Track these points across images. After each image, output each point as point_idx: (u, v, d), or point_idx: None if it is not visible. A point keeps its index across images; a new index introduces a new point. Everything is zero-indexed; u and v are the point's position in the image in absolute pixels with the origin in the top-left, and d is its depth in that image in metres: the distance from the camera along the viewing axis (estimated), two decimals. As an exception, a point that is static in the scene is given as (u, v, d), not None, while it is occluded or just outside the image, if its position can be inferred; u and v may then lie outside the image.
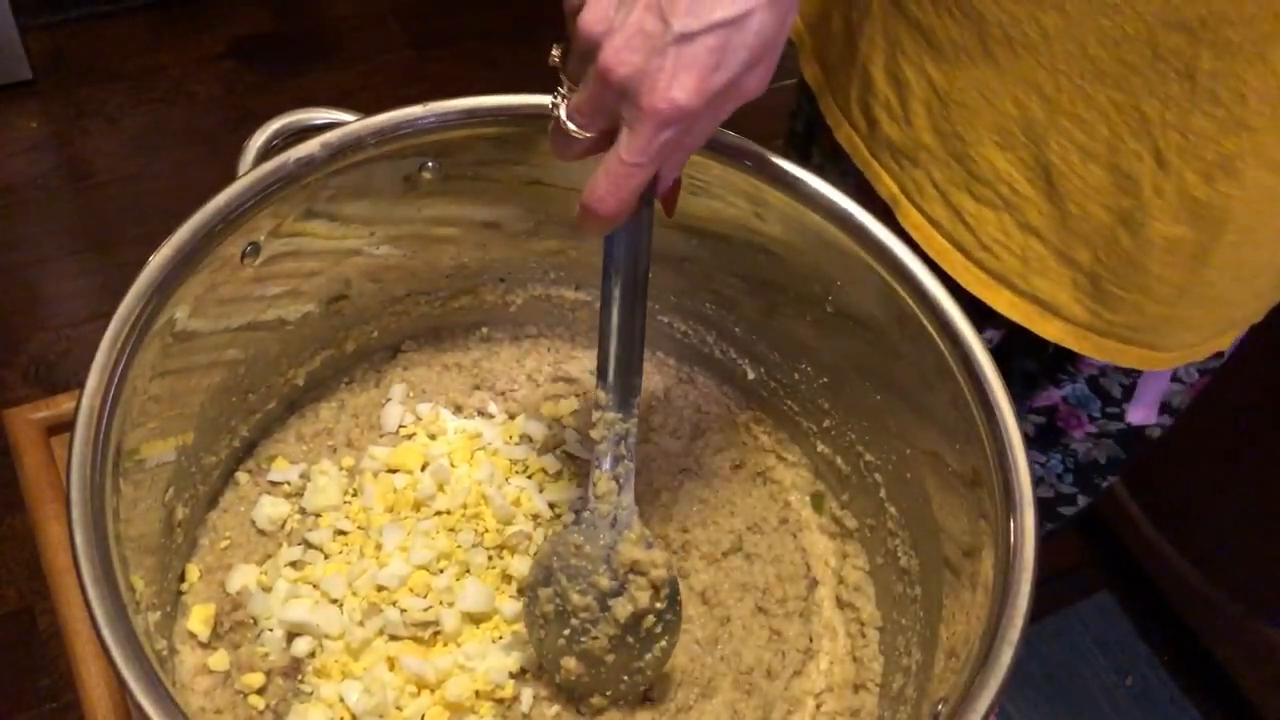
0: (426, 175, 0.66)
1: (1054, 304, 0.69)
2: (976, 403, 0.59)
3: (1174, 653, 1.64)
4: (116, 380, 0.53)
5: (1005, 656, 0.50)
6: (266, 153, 0.62)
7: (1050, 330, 0.70)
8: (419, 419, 0.74)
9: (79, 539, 0.49)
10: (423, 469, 0.69)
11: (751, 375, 0.77)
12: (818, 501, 0.75)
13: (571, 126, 0.52)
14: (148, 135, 1.95)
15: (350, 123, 0.62)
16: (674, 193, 0.59)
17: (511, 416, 0.75)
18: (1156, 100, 0.58)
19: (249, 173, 0.60)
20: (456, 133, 0.65)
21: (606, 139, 0.51)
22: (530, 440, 0.73)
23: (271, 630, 0.64)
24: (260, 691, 0.62)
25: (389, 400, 0.74)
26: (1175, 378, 0.79)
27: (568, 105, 0.52)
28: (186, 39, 2.10)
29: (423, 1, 2.27)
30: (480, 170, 0.67)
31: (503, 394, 0.76)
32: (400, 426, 0.73)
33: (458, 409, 0.75)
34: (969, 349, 0.60)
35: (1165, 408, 0.81)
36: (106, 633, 0.47)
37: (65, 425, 0.79)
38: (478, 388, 0.76)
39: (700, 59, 0.47)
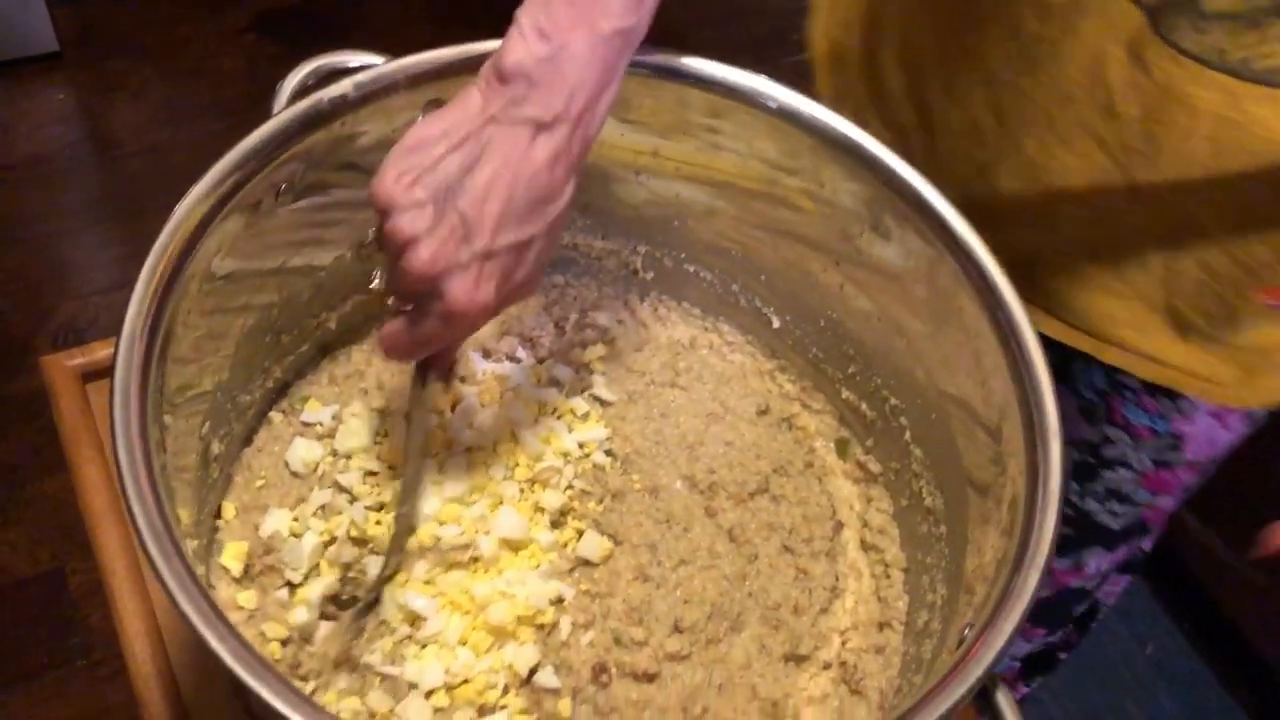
0: (457, 118, 0.67)
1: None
2: (1003, 341, 0.60)
3: (1195, 621, 1.64)
4: (155, 313, 0.54)
5: (1031, 581, 0.51)
6: (300, 93, 0.63)
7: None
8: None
9: (124, 465, 0.50)
10: (453, 409, 0.70)
11: (777, 324, 0.77)
12: (842, 448, 0.75)
13: (389, 301, 0.59)
14: (172, 107, 1.97)
15: (382, 64, 0.63)
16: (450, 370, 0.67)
17: (540, 361, 0.75)
18: None
19: (282, 111, 0.60)
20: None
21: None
22: (558, 384, 0.74)
23: (299, 585, 0.65)
24: (283, 643, 0.63)
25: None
26: None
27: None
28: (210, 13, 2.11)
29: (444, -25, 2.27)
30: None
31: (530, 340, 0.77)
32: None
33: (486, 353, 0.76)
34: (997, 290, 0.61)
35: None
36: (153, 549, 0.48)
37: (100, 372, 0.80)
38: (506, 333, 0.77)
39: (499, 269, 0.55)
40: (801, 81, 0.69)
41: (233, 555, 0.65)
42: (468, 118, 0.54)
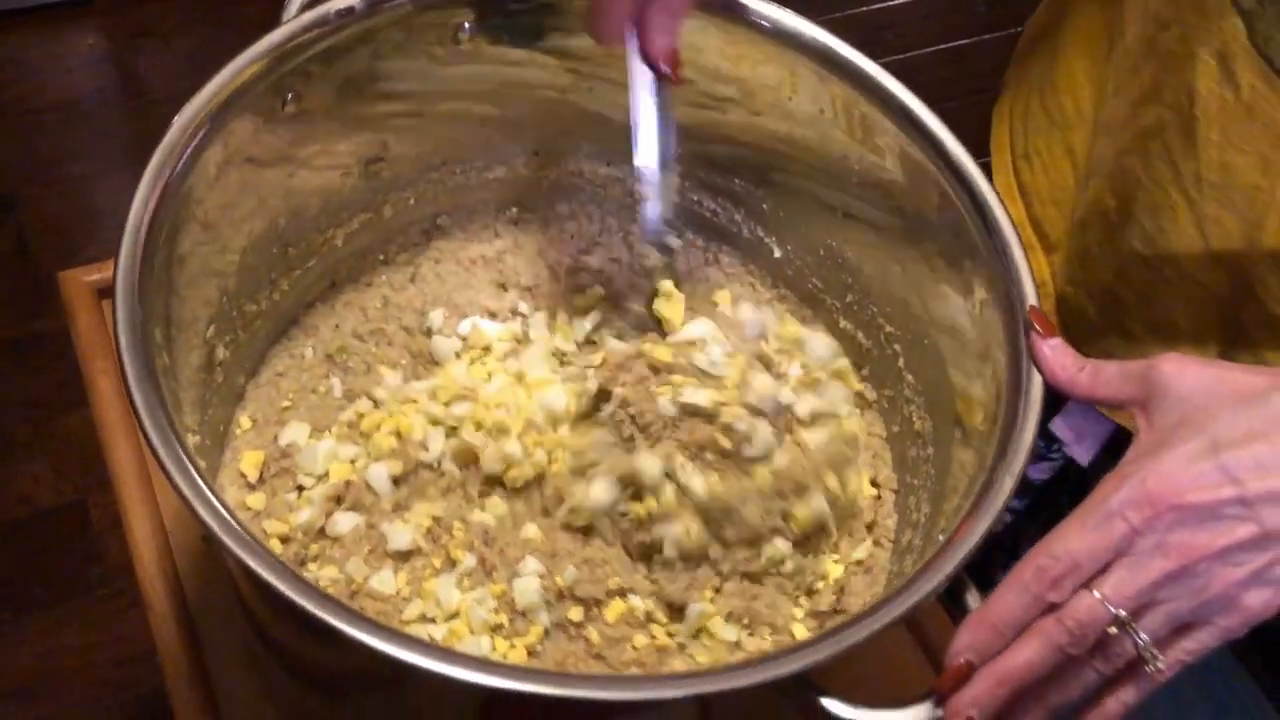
0: (464, 36, 0.68)
1: None
2: (994, 265, 0.61)
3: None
4: (158, 208, 0.56)
5: (1006, 486, 0.52)
6: (307, 6, 0.64)
7: None
8: (464, 340, 0.75)
9: (126, 355, 0.52)
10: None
11: (778, 254, 0.78)
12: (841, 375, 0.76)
13: None
14: (199, 55, 1.99)
15: (390, -23, 0.64)
16: (673, 59, 0.63)
17: (547, 311, 0.76)
18: None
19: (291, 20, 0.62)
20: (493, -7, 0.66)
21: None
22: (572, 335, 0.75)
23: (310, 487, 0.66)
24: (283, 540, 0.65)
25: (435, 333, 0.75)
26: None
27: None
28: (239, -39, 2.13)
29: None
30: (515, 33, 0.69)
31: (529, 289, 0.78)
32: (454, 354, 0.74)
33: (492, 315, 0.76)
34: (991, 214, 0.62)
35: None
36: (155, 439, 0.49)
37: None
38: (503, 287, 0.78)
39: None
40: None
41: (250, 463, 0.67)
42: None
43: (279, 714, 0.68)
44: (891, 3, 2.31)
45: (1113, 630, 0.46)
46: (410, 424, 0.66)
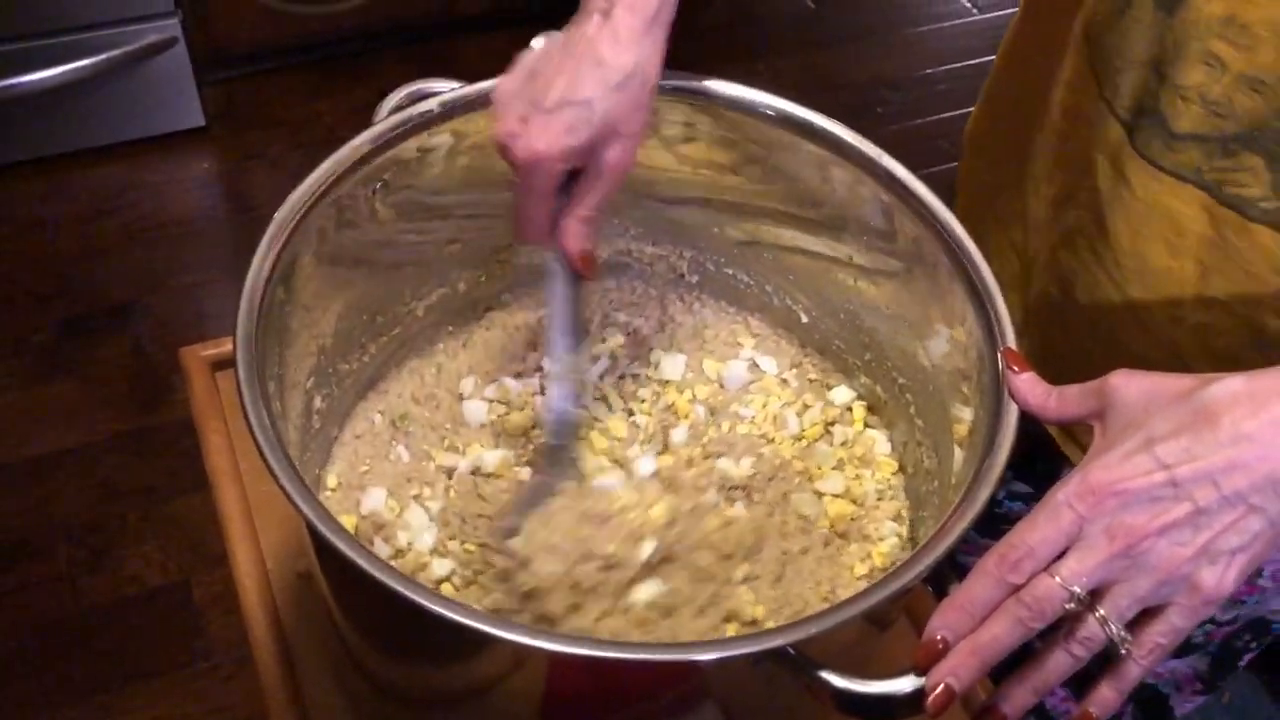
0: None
1: None
2: (976, 302, 0.69)
3: (1276, 670, 1.64)
4: (270, 275, 0.67)
5: (983, 493, 0.60)
6: (395, 111, 0.76)
7: None
8: (490, 402, 0.84)
9: (246, 393, 0.63)
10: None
11: (805, 319, 0.87)
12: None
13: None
14: (303, 174, 2.16)
15: (461, 87, 0.77)
16: (588, 260, 0.73)
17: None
18: None
19: (380, 122, 0.74)
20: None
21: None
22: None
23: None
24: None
25: (465, 399, 0.84)
26: None
27: None
28: (341, 90, 2.33)
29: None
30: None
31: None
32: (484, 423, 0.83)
33: (518, 375, 0.85)
34: (980, 279, 0.71)
35: None
36: (266, 449, 0.60)
37: (226, 363, 0.95)
38: (534, 346, 0.87)
39: (560, 123, 0.66)
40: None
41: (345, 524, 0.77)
42: (561, 42, 0.67)
43: (362, 724, 0.77)
44: (945, 115, 2.43)
45: (1072, 606, 0.52)
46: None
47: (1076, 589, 0.52)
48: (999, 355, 0.65)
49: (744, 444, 0.81)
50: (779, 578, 0.72)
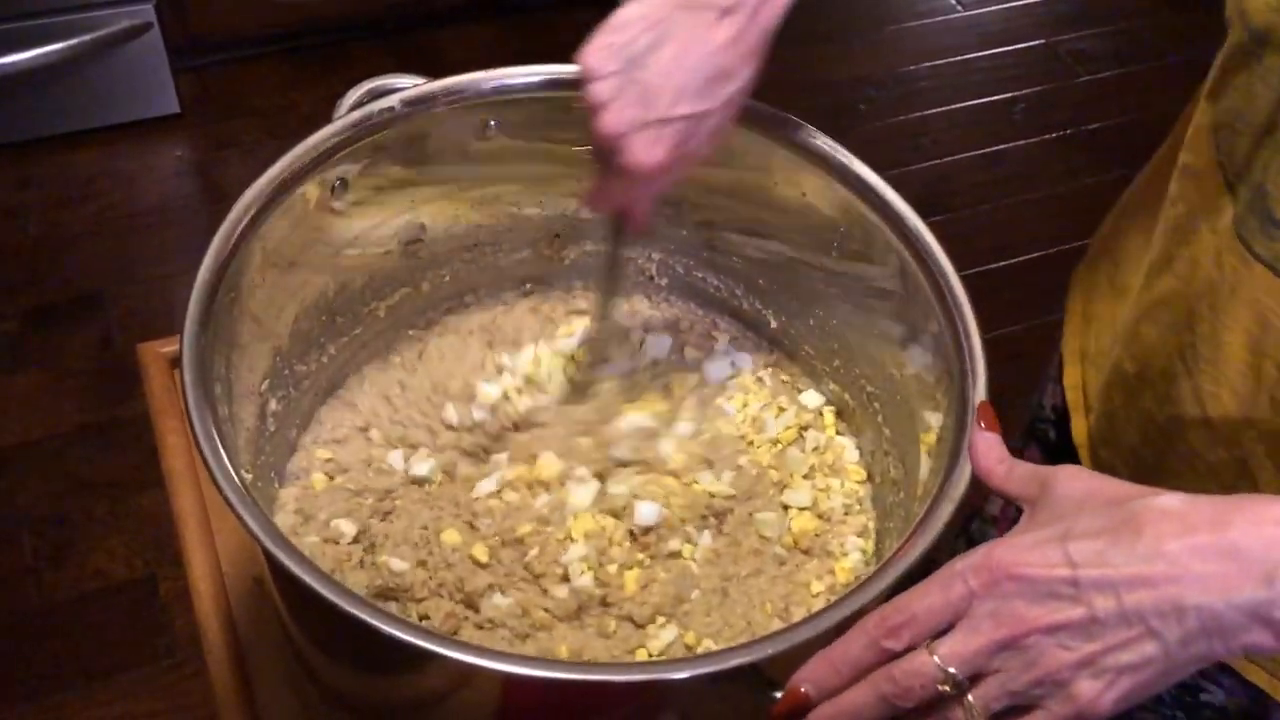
0: (490, 133, 0.78)
1: None
2: (950, 325, 0.68)
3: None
4: (221, 271, 0.66)
5: (945, 510, 0.59)
6: (356, 108, 0.75)
7: None
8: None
9: (192, 402, 0.61)
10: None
11: (774, 324, 0.86)
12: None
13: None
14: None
15: (424, 83, 0.75)
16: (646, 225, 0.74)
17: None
18: None
19: (340, 119, 0.72)
20: (515, 96, 0.77)
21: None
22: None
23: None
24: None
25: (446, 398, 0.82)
26: None
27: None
28: (316, 80, 2.30)
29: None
30: (536, 131, 0.79)
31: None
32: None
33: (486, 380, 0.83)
34: (951, 291, 0.69)
35: None
36: (208, 453, 0.58)
37: (187, 359, 0.93)
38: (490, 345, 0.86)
39: (674, 136, 0.64)
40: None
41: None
42: (663, 2, 0.63)
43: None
44: (927, 112, 2.42)
45: (945, 689, 0.48)
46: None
47: (953, 670, 0.48)
48: (974, 409, 0.62)
49: (730, 448, 0.80)
50: (720, 603, 0.72)
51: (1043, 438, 0.86)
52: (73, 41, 2.01)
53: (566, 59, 0.75)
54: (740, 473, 0.79)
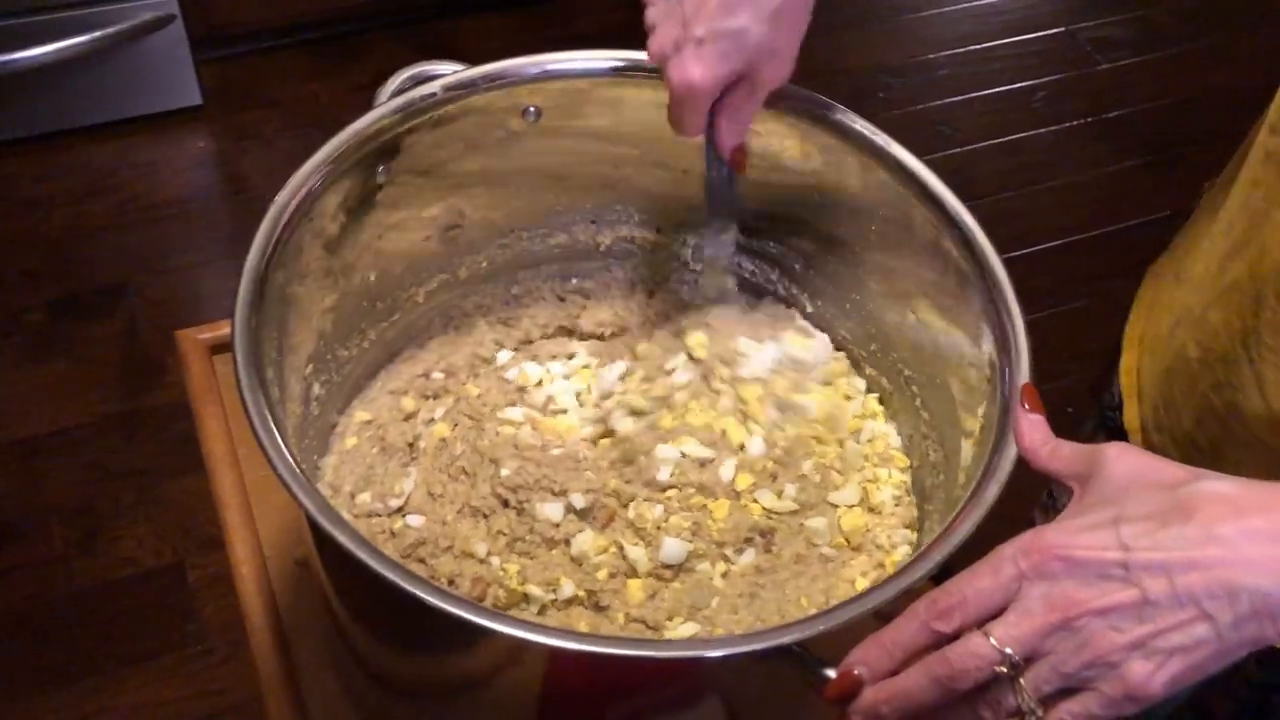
0: (529, 119, 0.79)
1: None
2: (992, 307, 0.69)
3: None
4: (272, 254, 0.66)
5: (991, 491, 0.59)
6: (397, 94, 0.75)
7: None
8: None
9: (243, 375, 0.62)
10: None
11: (810, 309, 0.86)
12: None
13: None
14: (299, 155, 2.14)
15: (464, 70, 0.75)
16: (740, 155, 0.74)
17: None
18: None
19: (382, 105, 0.73)
20: (555, 81, 0.77)
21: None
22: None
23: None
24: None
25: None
26: None
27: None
28: (337, 71, 2.31)
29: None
30: (575, 117, 0.79)
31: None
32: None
33: (535, 358, 0.85)
34: (990, 268, 0.70)
35: None
36: (263, 435, 0.59)
37: (224, 346, 0.94)
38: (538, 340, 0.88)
39: (714, 53, 0.66)
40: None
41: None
42: None
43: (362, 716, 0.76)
44: (947, 100, 2.42)
45: (1001, 669, 0.48)
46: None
47: (1009, 651, 0.48)
48: (1019, 389, 0.63)
49: (800, 451, 0.78)
50: (749, 604, 0.70)
51: (1111, 426, 0.86)
52: (95, 34, 2.02)
53: (583, 47, 0.77)
54: (804, 482, 0.77)
